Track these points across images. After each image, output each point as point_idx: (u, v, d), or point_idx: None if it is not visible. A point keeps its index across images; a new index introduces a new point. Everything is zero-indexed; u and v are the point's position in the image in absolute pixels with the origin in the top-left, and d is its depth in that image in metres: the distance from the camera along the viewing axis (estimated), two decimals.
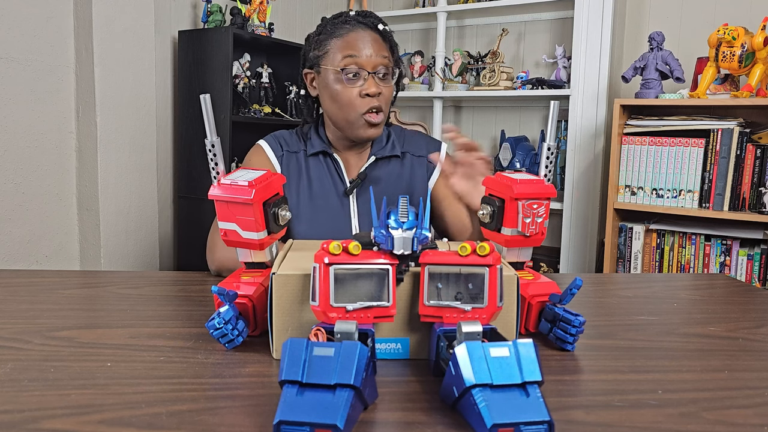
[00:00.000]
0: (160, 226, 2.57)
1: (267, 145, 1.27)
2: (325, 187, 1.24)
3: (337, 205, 1.24)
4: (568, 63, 2.76)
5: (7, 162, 2.03)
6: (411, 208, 0.65)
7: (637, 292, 1.04)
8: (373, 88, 1.16)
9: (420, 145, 1.33)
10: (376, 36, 1.20)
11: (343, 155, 1.28)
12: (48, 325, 0.77)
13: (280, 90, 2.93)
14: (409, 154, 1.31)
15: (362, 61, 1.16)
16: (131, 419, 0.52)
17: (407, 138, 1.33)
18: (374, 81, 1.17)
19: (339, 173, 1.25)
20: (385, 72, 1.19)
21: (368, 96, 1.17)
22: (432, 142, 1.35)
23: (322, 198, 1.23)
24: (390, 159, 1.29)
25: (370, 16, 1.22)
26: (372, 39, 1.18)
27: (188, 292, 0.96)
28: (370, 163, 1.26)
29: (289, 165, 1.25)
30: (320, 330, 0.60)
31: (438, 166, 1.31)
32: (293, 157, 1.26)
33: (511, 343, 0.52)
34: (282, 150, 1.27)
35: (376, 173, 1.27)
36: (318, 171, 1.25)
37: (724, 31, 2.11)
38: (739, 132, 2.20)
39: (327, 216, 1.23)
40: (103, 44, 2.15)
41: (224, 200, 0.70)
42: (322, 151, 1.26)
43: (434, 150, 1.33)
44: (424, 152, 1.31)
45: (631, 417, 0.55)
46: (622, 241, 2.46)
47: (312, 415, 0.46)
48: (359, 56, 1.16)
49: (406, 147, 1.31)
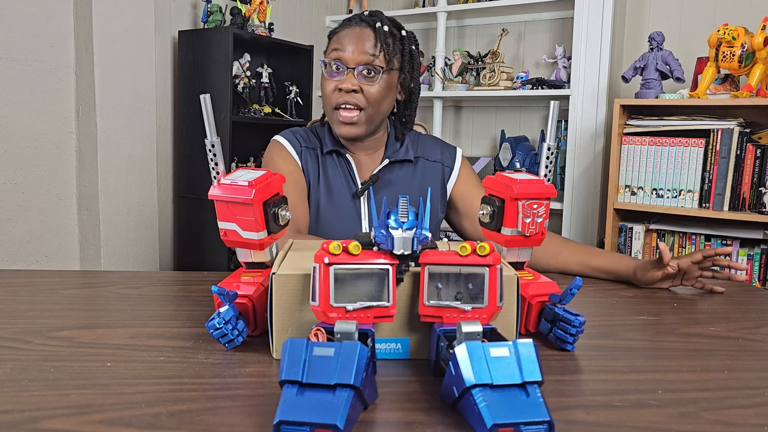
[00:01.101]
0: (160, 226, 2.57)
1: (285, 140, 1.26)
2: (339, 186, 1.24)
3: (349, 206, 1.23)
4: (568, 63, 2.76)
5: (7, 162, 2.03)
6: (411, 208, 0.65)
7: (637, 292, 1.04)
8: (347, 83, 1.15)
9: (435, 150, 1.31)
10: (371, 34, 1.17)
11: (355, 156, 1.27)
12: (48, 325, 0.77)
13: (280, 90, 2.93)
14: (422, 159, 1.29)
15: (345, 56, 1.16)
16: (131, 419, 0.52)
17: (421, 143, 1.32)
18: (352, 77, 1.15)
19: (351, 174, 1.25)
20: (370, 70, 1.16)
21: (341, 91, 1.15)
22: (447, 148, 1.33)
23: (336, 196, 1.23)
24: (403, 163, 1.27)
25: (375, 15, 1.20)
26: (363, 36, 1.16)
27: (188, 292, 0.96)
28: (384, 165, 1.25)
29: (308, 161, 1.25)
30: (320, 330, 0.60)
31: (456, 168, 1.31)
32: (311, 153, 1.26)
33: (511, 343, 0.52)
34: (300, 145, 1.25)
35: (389, 176, 1.26)
36: (333, 169, 1.25)
37: (724, 31, 2.11)
38: (739, 132, 2.20)
39: (339, 215, 1.22)
40: (103, 44, 2.16)
41: (224, 200, 0.70)
42: (336, 150, 1.25)
43: (448, 157, 1.31)
44: (439, 158, 1.30)
45: (631, 417, 0.55)
46: (622, 241, 2.46)
47: (312, 415, 0.46)
48: (343, 51, 1.16)
49: (420, 152, 1.30)
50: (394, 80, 1.21)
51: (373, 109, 1.18)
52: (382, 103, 1.19)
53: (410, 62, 1.23)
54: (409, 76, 1.24)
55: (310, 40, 3.27)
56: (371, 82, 1.16)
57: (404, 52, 1.22)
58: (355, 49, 1.15)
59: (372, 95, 1.17)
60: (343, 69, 1.16)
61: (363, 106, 1.17)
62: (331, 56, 1.17)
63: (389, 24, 1.20)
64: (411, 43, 1.24)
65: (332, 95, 1.17)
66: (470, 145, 3.29)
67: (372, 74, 1.16)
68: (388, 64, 1.17)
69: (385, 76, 1.17)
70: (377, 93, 1.17)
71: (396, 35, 1.20)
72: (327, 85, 1.18)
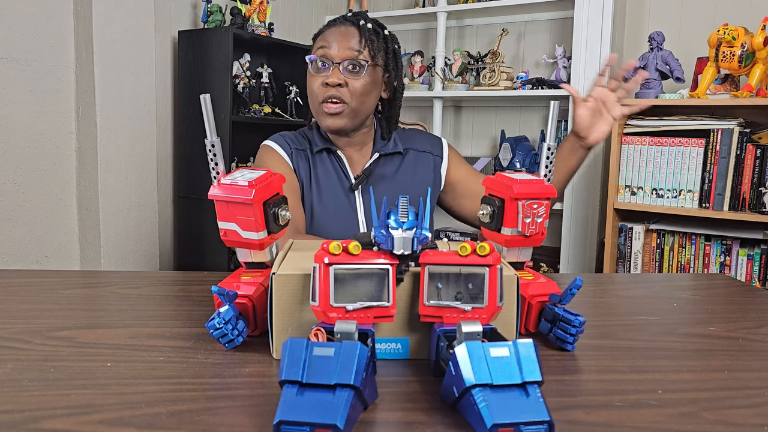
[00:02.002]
0: (160, 226, 2.57)
1: (275, 144, 1.29)
2: (332, 184, 1.26)
3: (344, 201, 1.26)
4: (568, 63, 2.76)
5: (7, 162, 2.03)
6: (411, 208, 0.65)
7: (637, 292, 1.04)
8: (333, 78, 1.18)
9: (422, 141, 1.36)
10: (355, 31, 1.21)
11: (345, 152, 1.30)
12: (48, 325, 0.77)
13: (280, 90, 2.93)
14: (411, 150, 1.33)
15: (330, 52, 1.20)
16: (131, 419, 0.52)
17: (408, 136, 1.36)
18: (338, 71, 1.19)
19: (343, 169, 1.28)
20: (354, 65, 1.20)
21: (328, 86, 1.19)
22: (432, 138, 1.38)
23: (330, 194, 1.25)
24: (393, 156, 1.31)
25: (359, 14, 1.24)
26: (348, 33, 1.20)
27: (188, 292, 0.96)
28: (374, 159, 1.28)
29: (299, 162, 1.27)
30: (320, 330, 0.60)
31: (445, 156, 1.35)
32: (302, 155, 1.28)
33: (511, 343, 0.52)
34: (291, 147, 1.28)
35: (380, 170, 1.29)
36: (324, 168, 1.27)
37: (724, 31, 2.11)
38: (739, 132, 2.20)
39: (335, 212, 1.25)
40: (103, 44, 2.16)
41: (224, 200, 0.70)
42: (326, 148, 1.28)
43: (437, 147, 1.36)
44: (428, 148, 1.35)
45: (631, 417, 0.55)
46: (622, 241, 2.46)
47: (312, 415, 0.46)
48: (329, 48, 1.20)
49: (408, 144, 1.34)
50: (378, 77, 1.24)
51: (357, 103, 1.21)
52: (367, 97, 1.23)
53: (394, 60, 1.27)
54: (394, 74, 1.28)
55: (310, 40, 3.26)
56: (356, 77, 1.20)
57: (388, 51, 1.26)
58: (340, 46, 1.19)
59: (357, 89, 1.20)
60: (329, 65, 1.20)
61: (347, 100, 1.20)
62: (317, 53, 1.21)
63: (373, 23, 1.24)
64: (394, 43, 1.28)
65: (318, 90, 1.21)
66: (470, 145, 3.29)
67: (357, 69, 1.20)
68: (372, 59, 1.21)
69: (369, 71, 1.21)
70: (362, 87, 1.21)
71: (380, 33, 1.24)
72: (313, 82, 1.22)
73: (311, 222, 1.25)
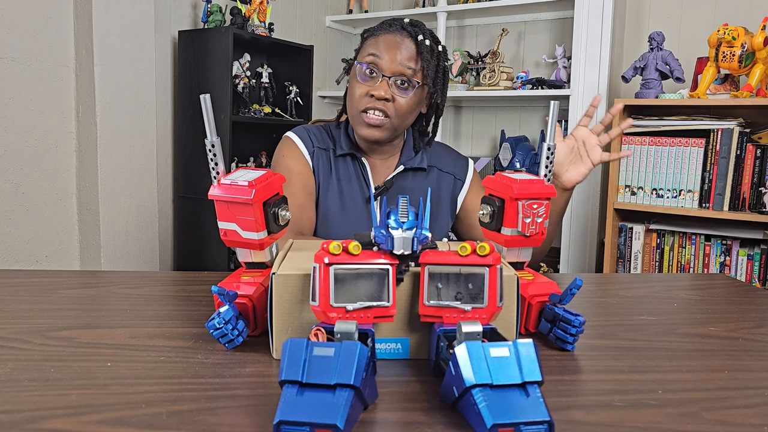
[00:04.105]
0: (160, 226, 2.57)
1: (298, 138, 1.24)
2: (352, 190, 1.23)
3: (361, 209, 1.22)
4: (568, 63, 2.76)
5: (7, 162, 2.03)
6: (411, 208, 0.65)
7: (637, 292, 1.04)
8: (380, 91, 1.13)
9: (448, 160, 1.31)
10: (411, 46, 1.15)
11: (370, 160, 1.26)
12: (48, 325, 0.77)
13: (280, 90, 2.93)
14: (435, 169, 1.29)
15: (382, 63, 1.14)
16: (131, 419, 0.52)
17: (435, 153, 1.32)
18: (386, 84, 1.14)
19: (365, 178, 1.24)
20: (404, 82, 1.14)
21: (373, 97, 1.14)
22: (459, 159, 1.34)
23: (348, 200, 1.22)
24: (417, 171, 1.27)
25: (417, 26, 1.18)
26: (403, 46, 1.14)
27: (188, 292, 0.96)
28: (398, 172, 1.25)
29: (319, 162, 1.23)
30: (320, 330, 0.60)
31: (467, 182, 1.31)
32: (323, 155, 1.24)
33: (511, 343, 0.52)
34: (313, 146, 1.24)
35: (402, 183, 1.25)
36: (346, 172, 1.23)
37: (724, 31, 2.11)
38: (739, 132, 2.20)
39: (350, 218, 1.21)
40: (103, 44, 2.16)
41: (224, 200, 0.70)
42: (351, 153, 1.24)
43: (460, 169, 1.32)
44: (451, 169, 1.30)
45: (631, 417, 0.55)
46: (622, 241, 2.46)
47: (312, 415, 0.46)
48: (381, 57, 1.14)
49: (434, 161, 1.29)
50: (424, 94, 1.20)
51: (399, 120, 1.17)
52: (409, 116, 1.19)
53: (442, 79, 1.21)
54: (440, 92, 1.22)
55: (310, 40, 3.27)
56: (404, 94, 1.15)
57: (438, 68, 1.20)
58: (392, 58, 1.14)
59: (402, 107, 1.15)
60: (377, 75, 1.14)
61: (390, 115, 1.15)
62: (367, 60, 1.15)
63: (430, 38, 1.17)
64: (445, 59, 1.22)
65: (361, 99, 1.15)
66: (470, 145, 3.29)
67: (406, 86, 1.15)
68: (424, 79, 1.16)
69: (418, 90, 1.16)
70: (407, 106, 1.16)
71: (434, 50, 1.18)
72: (357, 88, 1.16)
73: (326, 225, 1.21)
